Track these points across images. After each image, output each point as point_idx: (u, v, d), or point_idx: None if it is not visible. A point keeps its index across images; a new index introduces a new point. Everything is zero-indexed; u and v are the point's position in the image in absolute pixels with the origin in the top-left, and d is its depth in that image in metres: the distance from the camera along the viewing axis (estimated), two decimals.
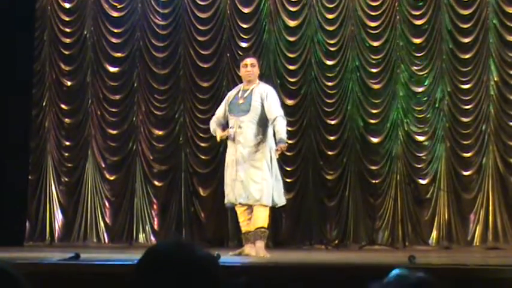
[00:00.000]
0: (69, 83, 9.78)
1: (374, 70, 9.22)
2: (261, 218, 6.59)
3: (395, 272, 1.47)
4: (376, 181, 9.08)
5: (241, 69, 6.92)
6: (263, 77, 8.48)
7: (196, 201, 9.40)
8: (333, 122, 9.25)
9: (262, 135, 6.69)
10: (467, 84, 9.02)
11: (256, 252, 6.52)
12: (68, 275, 4.98)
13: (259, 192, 6.57)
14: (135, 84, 9.69)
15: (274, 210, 7.09)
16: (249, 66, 6.83)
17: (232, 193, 6.69)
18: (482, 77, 8.97)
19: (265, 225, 6.63)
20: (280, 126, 6.59)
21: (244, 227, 6.73)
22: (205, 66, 9.54)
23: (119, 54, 9.72)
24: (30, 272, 1.83)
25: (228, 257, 6.15)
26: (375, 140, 9.18)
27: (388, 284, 1.43)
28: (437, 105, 9.07)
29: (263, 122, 6.70)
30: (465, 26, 9.06)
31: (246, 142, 6.63)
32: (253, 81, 6.84)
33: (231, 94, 6.98)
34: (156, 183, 9.54)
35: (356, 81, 9.24)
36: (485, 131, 8.94)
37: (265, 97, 6.72)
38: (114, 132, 9.68)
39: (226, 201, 6.85)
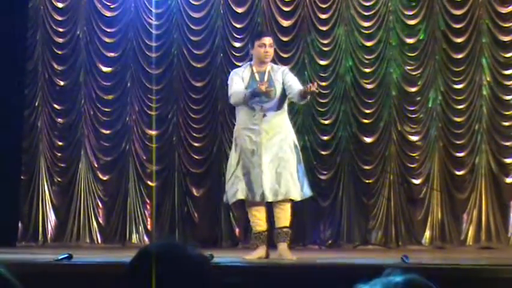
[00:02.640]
0: (62, 83, 9.76)
1: (367, 70, 9.22)
2: (285, 217, 5.97)
3: (384, 272, 1.47)
4: (370, 181, 9.08)
5: (258, 48, 6.00)
6: None
7: (189, 201, 9.38)
8: (326, 122, 9.25)
9: (288, 122, 6.08)
10: (460, 84, 9.03)
11: (280, 254, 5.91)
12: (61, 275, 4.98)
13: (287, 186, 5.91)
14: (128, 84, 9.67)
15: (268, 211, 6.25)
16: (267, 47, 6.00)
17: (246, 188, 5.94)
18: (475, 77, 8.99)
19: (288, 224, 6.01)
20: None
21: (262, 226, 6.00)
22: (199, 66, 9.52)
23: (112, 54, 9.70)
24: (23, 272, 1.82)
25: (223, 258, 6.01)
26: (368, 139, 9.18)
27: (375, 285, 1.43)
28: (430, 105, 9.08)
29: (285, 108, 6.04)
30: (458, 26, 9.07)
31: (272, 131, 5.92)
32: (267, 62, 6.05)
33: (243, 76, 6.06)
34: (150, 183, 9.52)
35: (349, 81, 9.25)
36: (478, 131, 8.95)
37: (285, 75, 6.02)
38: (107, 132, 9.66)
39: (241, 196, 5.94)
